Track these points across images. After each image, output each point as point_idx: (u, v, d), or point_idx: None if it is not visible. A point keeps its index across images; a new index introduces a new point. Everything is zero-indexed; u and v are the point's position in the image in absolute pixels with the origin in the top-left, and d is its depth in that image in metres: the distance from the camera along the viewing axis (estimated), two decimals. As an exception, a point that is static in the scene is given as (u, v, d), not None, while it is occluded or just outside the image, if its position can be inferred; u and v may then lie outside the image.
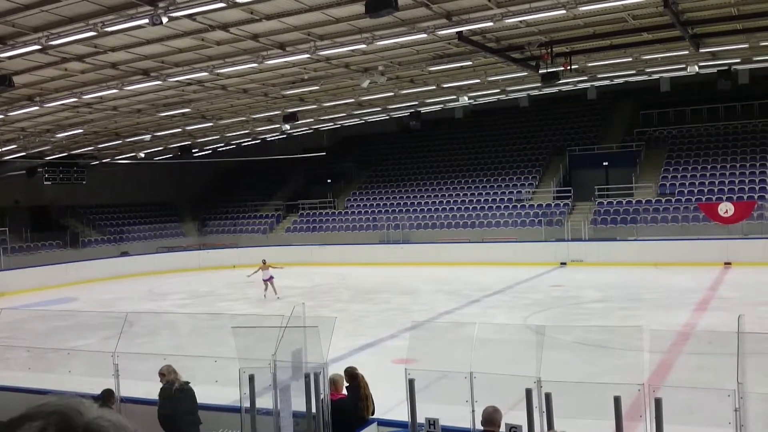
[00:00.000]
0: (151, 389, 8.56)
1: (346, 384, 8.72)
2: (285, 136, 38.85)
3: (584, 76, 26.38)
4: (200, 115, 28.08)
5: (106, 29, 14.56)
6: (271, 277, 23.69)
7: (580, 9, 15.96)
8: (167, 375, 8.55)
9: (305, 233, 38.63)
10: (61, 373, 10.59)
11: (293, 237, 38.64)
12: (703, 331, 15.35)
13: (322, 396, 7.62)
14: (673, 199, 31.49)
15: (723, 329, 12.13)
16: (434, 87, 26.30)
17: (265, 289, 23.63)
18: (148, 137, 32.12)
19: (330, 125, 38.17)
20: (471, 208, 35.84)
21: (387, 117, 36.66)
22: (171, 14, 13.73)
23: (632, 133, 37.24)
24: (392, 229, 36.06)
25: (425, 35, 17.37)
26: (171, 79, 20.28)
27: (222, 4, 13.99)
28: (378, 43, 17.74)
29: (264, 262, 24.33)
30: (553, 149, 38.67)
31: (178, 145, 35.63)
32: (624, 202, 32.49)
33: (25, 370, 11.38)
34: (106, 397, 8.33)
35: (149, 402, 8.87)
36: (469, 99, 29.51)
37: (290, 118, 27.90)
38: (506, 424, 6.53)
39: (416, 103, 30.69)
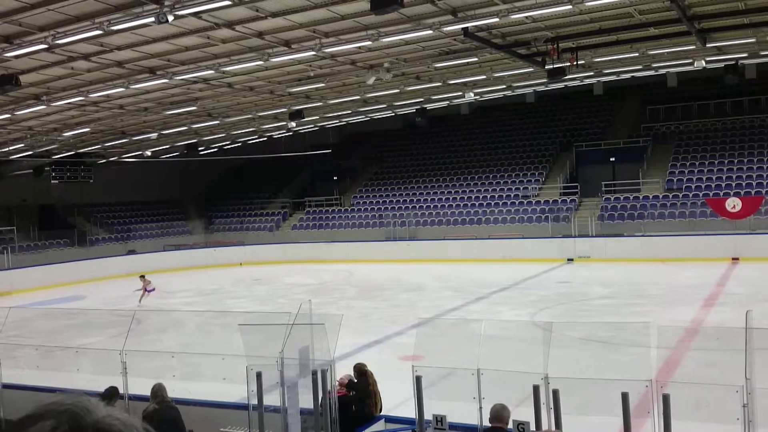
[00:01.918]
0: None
1: (353, 378, 8.75)
2: (291, 133, 38.86)
3: (590, 71, 26.28)
4: (206, 113, 28.13)
5: (113, 28, 14.59)
6: (146, 289, 23.28)
7: (587, 4, 15.92)
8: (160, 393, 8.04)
9: (312, 230, 38.65)
10: (69, 371, 10.63)
11: (300, 234, 38.67)
12: (711, 327, 15.32)
13: (329, 393, 7.64)
14: (681, 195, 31.38)
15: (731, 325, 12.12)
16: (440, 83, 26.26)
17: (140, 290, 23.23)
18: (154, 135, 32.20)
19: (336, 122, 38.16)
20: (477, 204, 35.79)
21: (393, 114, 36.63)
22: (177, 12, 13.74)
23: (639, 129, 37.12)
24: (398, 226, 36.05)
25: (431, 32, 17.33)
26: (177, 78, 20.31)
27: (228, 2, 14.00)
28: (383, 39, 17.71)
29: (142, 277, 23.81)
30: (559, 145, 38.57)
31: (185, 143, 35.69)
32: (631, 197, 32.39)
33: (33, 368, 11.42)
34: (111, 395, 8.33)
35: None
36: (474, 95, 29.43)
37: (296, 115, 27.94)
38: (514, 421, 6.53)
39: (422, 99, 30.65)
